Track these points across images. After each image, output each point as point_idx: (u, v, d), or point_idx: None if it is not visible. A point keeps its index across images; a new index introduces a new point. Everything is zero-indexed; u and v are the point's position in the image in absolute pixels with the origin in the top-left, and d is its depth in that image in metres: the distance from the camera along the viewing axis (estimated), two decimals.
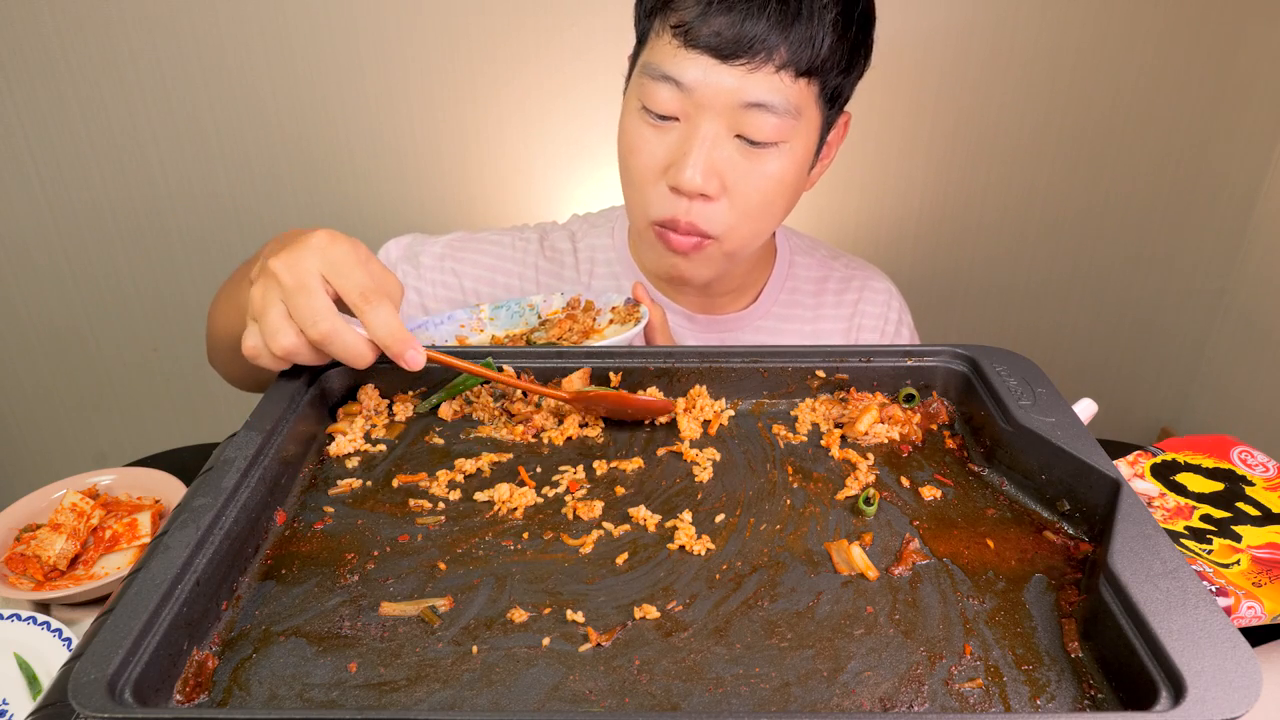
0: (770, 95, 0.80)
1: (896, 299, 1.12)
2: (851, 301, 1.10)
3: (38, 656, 0.79)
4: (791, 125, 0.83)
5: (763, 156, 0.84)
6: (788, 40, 0.79)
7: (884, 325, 1.10)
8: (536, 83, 1.78)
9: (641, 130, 0.86)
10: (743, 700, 0.47)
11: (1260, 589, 0.68)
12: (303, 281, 0.65)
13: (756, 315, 1.07)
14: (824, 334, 1.08)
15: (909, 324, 1.13)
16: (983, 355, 0.71)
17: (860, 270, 1.12)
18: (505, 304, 0.94)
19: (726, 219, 0.87)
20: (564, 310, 0.92)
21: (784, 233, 1.11)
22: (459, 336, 0.91)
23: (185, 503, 0.55)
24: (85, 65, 1.69)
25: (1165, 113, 1.88)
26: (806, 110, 0.84)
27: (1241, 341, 2.07)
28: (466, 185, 1.88)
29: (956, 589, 0.55)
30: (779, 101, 0.81)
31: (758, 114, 0.81)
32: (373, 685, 0.48)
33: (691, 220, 0.86)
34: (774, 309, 1.07)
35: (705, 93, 0.81)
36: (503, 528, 0.60)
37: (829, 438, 0.69)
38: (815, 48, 0.80)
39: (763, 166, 0.84)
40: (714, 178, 0.84)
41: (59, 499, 0.94)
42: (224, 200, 1.83)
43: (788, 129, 0.83)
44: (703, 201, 0.85)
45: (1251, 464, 0.83)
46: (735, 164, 0.84)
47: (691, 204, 0.86)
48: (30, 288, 1.89)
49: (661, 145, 0.85)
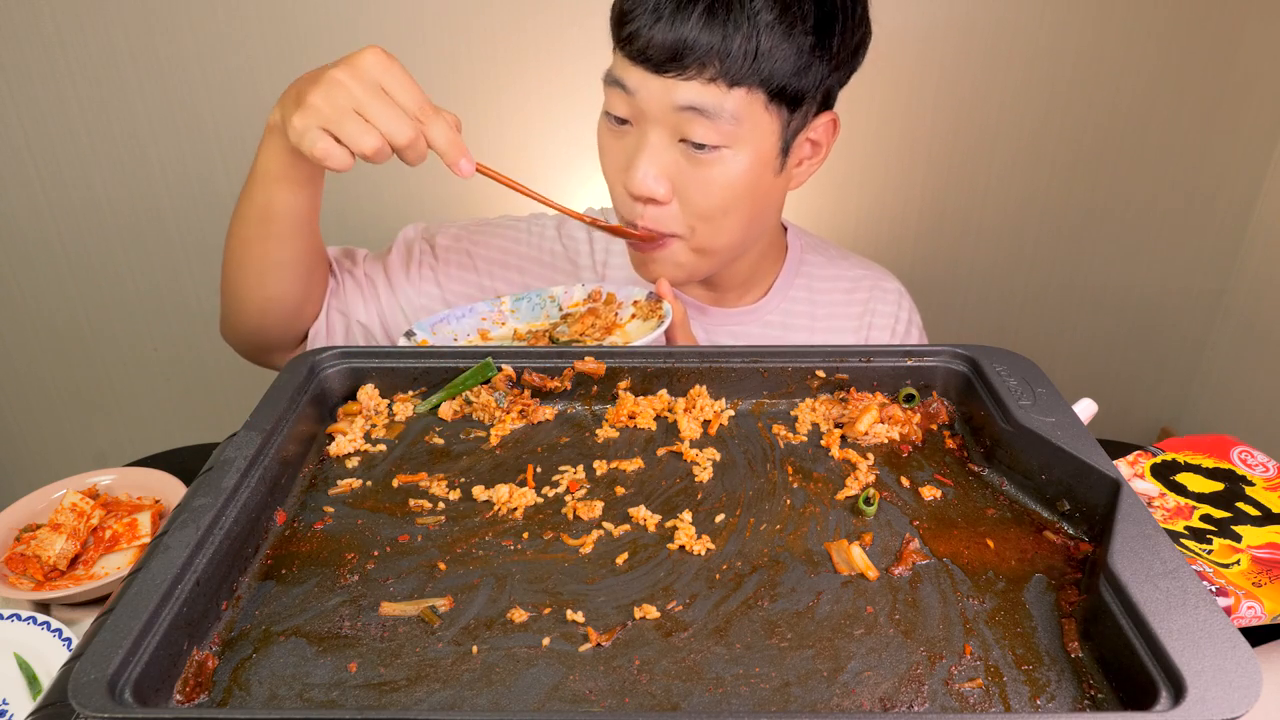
0: (701, 99, 0.82)
1: (906, 299, 1.13)
2: (862, 301, 1.10)
3: (38, 656, 0.79)
4: (731, 131, 0.84)
5: (707, 161, 0.85)
6: (719, 51, 0.80)
7: (894, 325, 1.10)
8: (537, 83, 1.78)
9: (605, 135, 0.91)
10: (743, 700, 0.47)
11: (1260, 589, 0.68)
12: (375, 90, 0.74)
13: (766, 310, 1.07)
14: (835, 332, 1.08)
15: (919, 325, 1.14)
16: (983, 355, 0.71)
17: (870, 271, 1.13)
18: (526, 295, 0.95)
19: (680, 221, 0.89)
20: (585, 303, 0.93)
21: (794, 229, 1.12)
22: (480, 330, 0.92)
23: (185, 503, 0.55)
24: (85, 65, 1.69)
25: (1165, 113, 1.88)
26: (751, 117, 0.84)
27: (1241, 342, 2.07)
28: (467, 185, 1.88)
29: (956, 589, 0.55)
30: (711, 106, 0.82)
31: (694, 118, 0.83)
32: (373, 685, 0.48)
33: (646, 223, 0.89)
34: (784, 304, 1.08)
35: (645, 99, 0.84)
36: (503, 528, 0.60)
37: (829, 438, 0.69)
38: (749, 57, 0.81)
39: (708, 171, 0.86)
40: (662, 182, 0.86)
41: (59, 499, 0.94)
42: (224, 200, 1.82)
43: (728, 134, 0.84)
44: (655, 206, 0.88)
45: (1251, 464, 0.83)
46: (682, 168, 0.86)
47: (645, 207, 0.89)
48: (30, 287, 1.89)
49: (621, 149, 0.89)
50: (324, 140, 0.74)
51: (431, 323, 0.91)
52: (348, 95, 0.74)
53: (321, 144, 0.74)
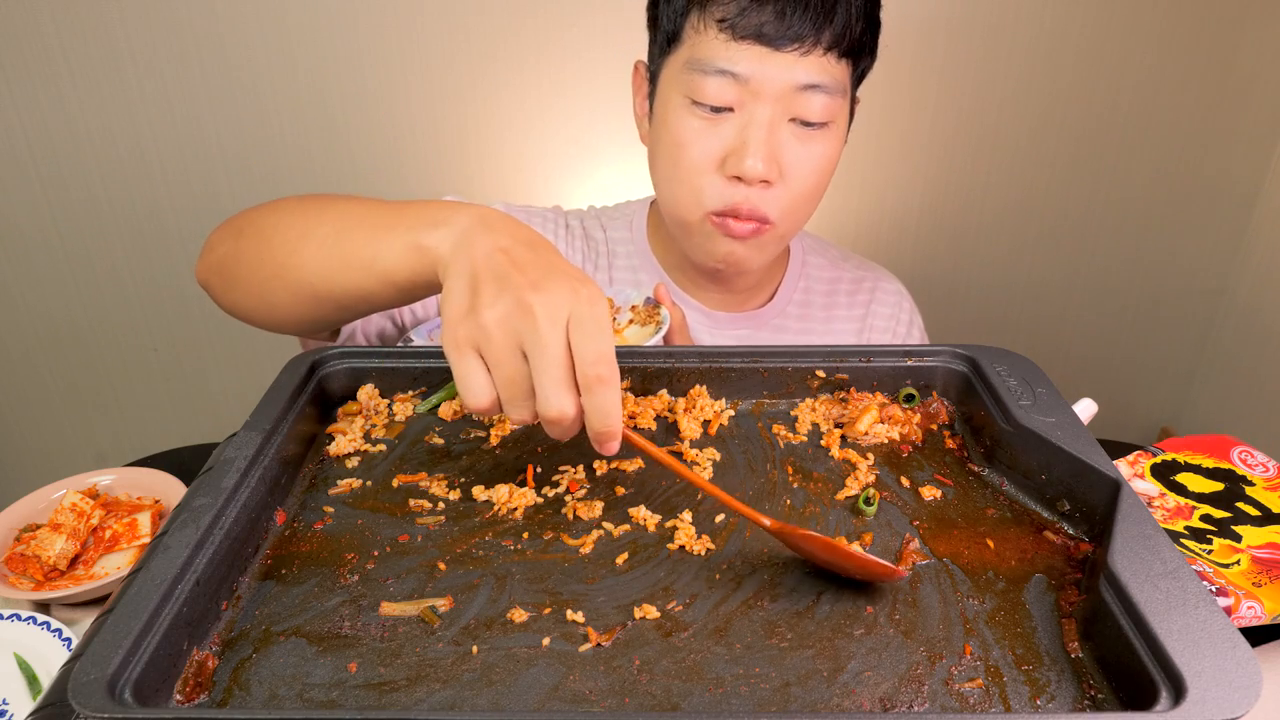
0: (822, 76, 0.84)
1: (907, 300, 1.13)
2: (864, 303, 1.10)
3: (38, 656, 0.79)
4: (840, 104, 0.87)
5: (815, 138, 0.87)
6: (830, 24, 0.82)
7: (895, 326, 1.11)
8: (537, 83, 1.78)
9: (691, 124, 0.87)
10: (743, 700, 0.47)
11: (1260, 589, 0.68)
12: (559, 343, 0.54)
13: (773, 313, 1.07)
14: (837, 335, 1.09)
15: (920, 325, 1.14)
16: (983, 355, 0.71)
17: (870, 272, 1.13)
18: None
19: (783, 202, 0.89)
20: None
21: (799, 235, 1.12)
22: None
23: (185, 503, 0.55)
24: (85, 65, 1.69)
25: (1165, 112, 1.88)
26: (847, 90, 0.88)
27: (1242, 341, 2.06)
28: (467, 185, 1.88)
29: (956, 589, 0.55)
30: (829, 81, 0.84)
31: (811, 96, 0.84)
32: (373, 685, 0.48)
33: (752, 206, 0.88)
34: (789, 308, 1.08)
35: (760, 80, 0.83)
36: (503, 528, 0.60)
37: (829, 438, 0.69)
38: (852, 28, 0.84)
39: (815, 148, 0.87)
40: (774, 164, 0.87)
41: (59, 499, 0.94)
42: (224, 200, 1.83)
43: (837, 108, 0.87)
44: (762, 188, 0.88)
45: (1251, 464, 0.83)
46: (791, 148, 0.87)
47: (750, 190, 0.88)
48: (30, 287, 1.89)
49: (716, 137, 0.87)
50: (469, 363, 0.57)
51: (429, 329, 0.90)
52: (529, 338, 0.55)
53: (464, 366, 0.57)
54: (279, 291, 0.74)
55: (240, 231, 0.78)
